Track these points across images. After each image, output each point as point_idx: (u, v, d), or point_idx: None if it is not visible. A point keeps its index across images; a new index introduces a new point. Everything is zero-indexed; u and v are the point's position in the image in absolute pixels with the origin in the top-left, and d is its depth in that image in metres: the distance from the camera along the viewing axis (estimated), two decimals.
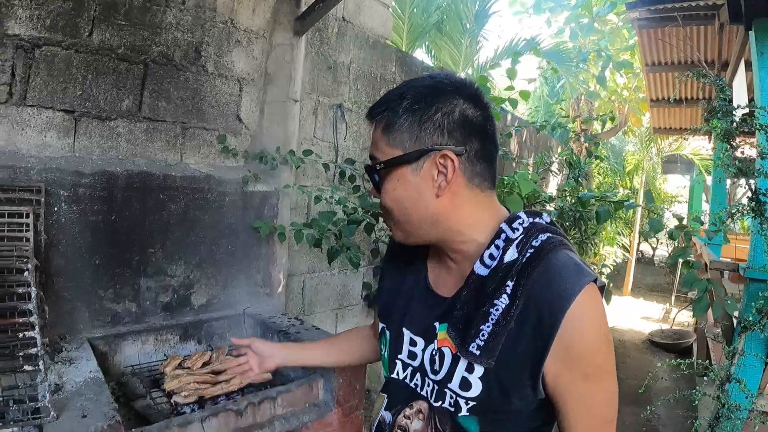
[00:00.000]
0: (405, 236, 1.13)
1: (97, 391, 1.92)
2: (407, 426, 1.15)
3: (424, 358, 1.15)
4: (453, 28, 9.73)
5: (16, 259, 2.14)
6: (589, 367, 0.99)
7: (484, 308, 1.02)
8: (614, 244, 10.37)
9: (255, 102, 3.47)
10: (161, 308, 2.87)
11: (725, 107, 3.26)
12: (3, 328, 1.90)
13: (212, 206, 3.04)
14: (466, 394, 1.05)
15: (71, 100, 2.62)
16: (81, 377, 2.02)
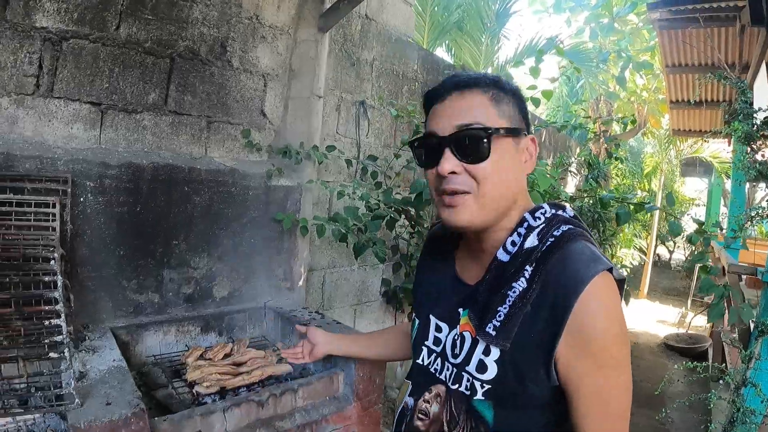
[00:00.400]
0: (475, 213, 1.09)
1: (121, 379, 1.93)
2: (427, 410, 1.19)
3: (447, 343, 1.19)
4: (473, 27, 9.73)
5: (42, 247, 2.17)
6: (601, 355, 1.00)
7: (502, 290, 1.06)
8: (631, 246, 10.30)
9: (279, 97, 3.47)
10: (183, 300, 2.88)
11: (746, 110, 3.29)
12: (29, 315, 1.92)
13: (236, 200, 3.05)
14: (482, 377, 1.08)
15: (98, 93, 2.64)
16: (105, 365, 2.03)
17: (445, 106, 1.11)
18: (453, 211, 1.09)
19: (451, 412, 1.13)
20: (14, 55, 2.36)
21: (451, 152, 1.07)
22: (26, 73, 2.41)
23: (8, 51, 2.34)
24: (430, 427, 1.18)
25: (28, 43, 2.40)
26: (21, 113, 2.42)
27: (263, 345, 2.88)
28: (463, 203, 1.08)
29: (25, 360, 1.76)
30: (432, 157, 1.10)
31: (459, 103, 1.10)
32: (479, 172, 1.07)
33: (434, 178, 1.11)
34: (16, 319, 1.89)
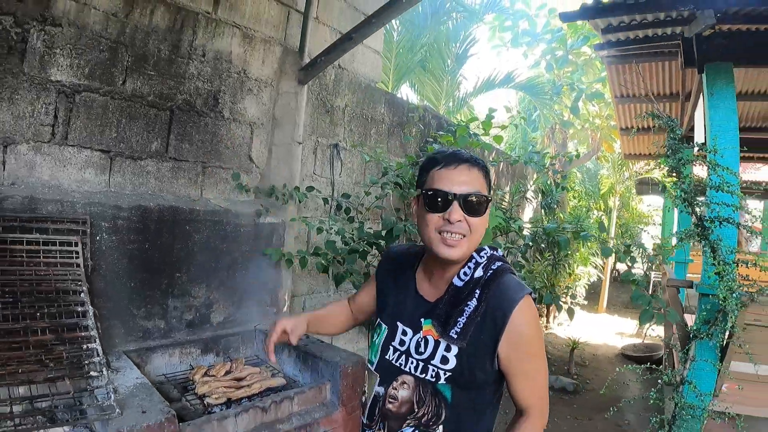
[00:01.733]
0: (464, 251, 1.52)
1: (148, 392, 2.25)
2: (396, 395, 1.59)
3: (411, 344, 1.59)
4: (435, 66, 10.26)
5: (71, 282, 2.49)
6: (527, 349, 1.49)
7: (459, 307, 1.51)
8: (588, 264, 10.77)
9: (264, 144, 3.86)
10: (185, 325, 3.20)
11: (674, 146, 3.66)
12: (68, 341, 2.23)
13: (230, 236, 3.40)
14: (444, 367, 1.51)
15: (107, 141, 2.97)
16: (130, 383, 2.34)
17: (455, 172, 1.51)
18: (452, 249, 1.48)
19: (420, 395, 1.55)
20: (32, 105, 2.67)
21: (459, 206, 1.46)
22: (43, 122, 2.72)
23: (26, 101, 2.65)
24: (401, 408, 1.58)
25: (44, 94, 2.71)
26: (38, 159, 2.72)
27: (257, 362, 3.22)
28: (460, 243, 1.48)
29: (70, 379, 2.07)
30: (442, 207, 1.48)
31: (468, 175, 1.50)
32: (474, 223, 1.49)
33: (439, 221, 1.48)
34: (58, 344, 2.20)
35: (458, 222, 1.46)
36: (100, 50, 2.89)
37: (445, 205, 1.47)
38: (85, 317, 2.35)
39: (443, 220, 1.47)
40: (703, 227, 3.51)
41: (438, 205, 1.48)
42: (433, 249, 1.50)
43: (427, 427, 1.55)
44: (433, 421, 1.54)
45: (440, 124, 6.12)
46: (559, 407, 6.05)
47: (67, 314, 2.33)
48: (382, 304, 1.76)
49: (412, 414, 1.56)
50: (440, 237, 1.48)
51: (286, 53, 3.89)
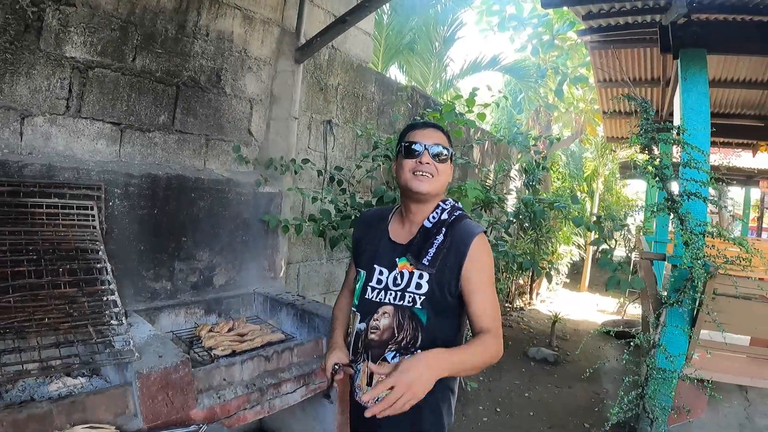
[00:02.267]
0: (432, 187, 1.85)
1: (163, 341, 2.47)
2: (378, 325, 1.85)
3: (388, 280, 1.87)
4: (424, 48, 10.46)
5: (89, 242, 2.68)
6: (482, 267, 1.80)
7: (430, 240, 1.83)
8: (570, 243, 10.95)
9: (262, 118, 4.06)
10: (190, 287, 3.43)
11: (647, 125, 3.84)
12: (90, 293, 2.44)
13: (231, 204, 3.62)
14: (419, 292, 1.80)
15: (118, 114, 3.16)
16: (144, 334, 2.55)
17: (424, 131, 1.89)
18: (423, 183, 1.82)
19: (398, 320, 1.81)
20: (48, 80, 2.85)
21: (428, 153, 1.84)
22: (58, 96, 2.90)
23: (42, 76, 2.83)
24: (383, 335, 1.83)
25: (59, 70, 2.89)
26: (54, 130, 2.90)
27: (257, 322, 3.46)
28: (428, 180, 1.83)
29: (93, 327, 2.28)
30: (416, 154, 1.83)
31: (435, 133, 1.90)
32: (440, 168, 1.86)
33: (413, 164, 1.83)
34: (80, 296, 2.41)
35: (427, 164, 1.83)
36: (112, 29, 3.06)
37: (418, 152, 1.84)
38: (103, 273, 2.56)
39: (416, 163, 1.83)
40: (673, 201, 3.70)
41: (413, 152, 1.84)
42: (408, 185, 1.85)
43: (406, 350, 1.80)
44: (411, 343, 1.80)
45: (428, 103, 6.33)
46: (541, 377, 6.26)
47: (87, 270, 2.53)
48: (359, 255, 2.05)
49: (393, 339, 1.82)
50: (413, 176, 1.83)
51: (284, 34, 4.09)
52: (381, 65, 9.79)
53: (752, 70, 5.57)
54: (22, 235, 2.50)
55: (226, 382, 2.55)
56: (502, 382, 5.94)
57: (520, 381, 6.04)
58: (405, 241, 1.90)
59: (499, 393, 5.59)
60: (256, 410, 2.63)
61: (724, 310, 3.64)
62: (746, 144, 8.52)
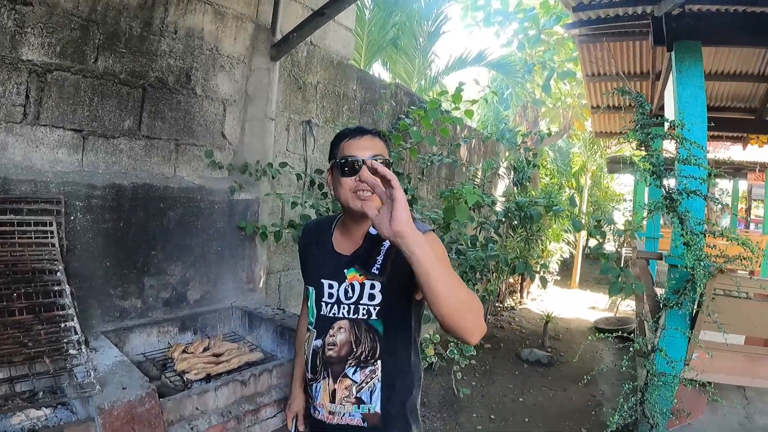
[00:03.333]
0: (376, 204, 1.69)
1: (128, 369, 2.27)
2: (334, 341, 1.79)
3: (339, 293, 1.79)
4: (408, 44, 10.26)
5: (47, 261, 2.48)
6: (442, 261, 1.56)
7: (377, 248, 1.60)
8: (560, 240, 10.92)
9: (237, 120, 3.85)
10: (162, 303, 3.22)
11: (643, 120, 3.74)
12: (47, 320, 2.24)
13: (204, 213, 3.42)
14: (373, 303, 1.74)
15: (80, 120, 2.95)
16: (109, 361, 2.36)
17: (360, 142, 1.75)
18: (366, 203, 1.64)
19: (356, 334, 1.76)
20: (2, 86, 2.64)
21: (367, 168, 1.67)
22: (14, 102, 2.69)
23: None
24: (341, 351, 1.77)
25: (16, 74, 2.68)
26: (11, 140, 2.69)
27: (234, 339, 3.27)
28: (373, 198, 1.66)
29: (50, 358, 2.09)
30: (353, 171, 1.69)
31: (371, 142, 1.75)
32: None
33: (352, 183, 1.70)
34: (36, 324, 2.21)
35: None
36: (72, 28, 2.85)
37: (356, 168, 1.70)
38: (62, 296, 2.35)
39: (355, 181, 1.70)
40: (672, 199, 3.61)
41: (350, 169, 1.70)
42: (350, 206, 1.73)
43: (366, 362, 1.76)
44: (370, 355, 1.76)
45: (412, 101, 6.15)
46: (535, 378, 6.19)
47: (44, 294, 2.33)
48: (304, 270, 1.99)
49: (352, 354, 1.77)
50: (354, 195, 1.71)
51: (258, 30, 3.88)
52: (363, 62, 9.60)
53: (742, 62, 5.58)
54: None
55: (199, 411, 2.34)
56: (495, 386, 5.85)
57: (513, 385, 5.95)
58: (350, 251, 1.82)
59: (493, 398, 5.49)
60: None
61: (723, 310, 3.58)
62: (736, 137, 8.50)
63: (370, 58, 9.91)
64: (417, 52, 10.48)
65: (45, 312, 2.27)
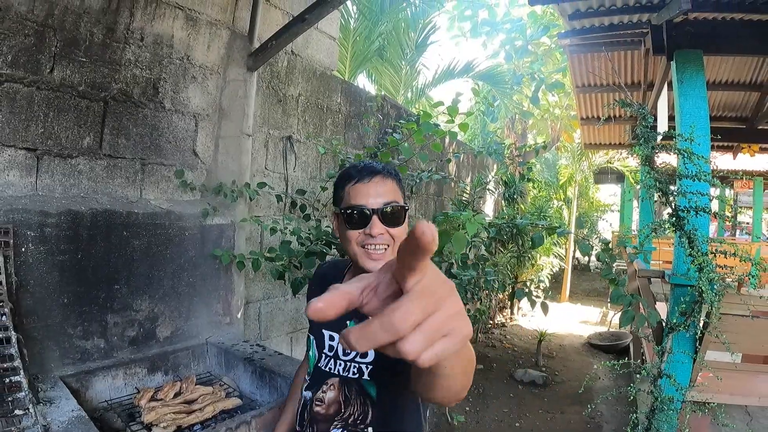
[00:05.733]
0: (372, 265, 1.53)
1: (85, 429, 1.99)
2: (323, 398, 1.58)
3: (338, 348, 1.59)
4: (394, 54, 10.01)
5: None
6: None
7: None
8: (550, 254, 10.84)
9: (210, 137, 3.57)
10: (128, 342, 2.92)
11: (647, 134, 3.58)
12: None
13: (173, 241, 3.13)
14: (365, 360, 1.51)
15: (33, 138, 2.64)
16: (65, 416, 2.07)
17: (370, 186, 1.51)
18: (378, 262, 1.49)
19: (345, 394, 1.53)
20: None
21: (378, 219, 1.48)
22: None
23: None
24: (329, 409, 1.56)
25: None
26: None
27: (209, 380, 2.98)
28: (384, 255, 1.49)
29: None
30: (362, 222, 1.48)
31: (383, 186, 1.52)
32: (396, 233, 1.51)
33: (360, 237, 1.49)
34: None
35: (380, 235, 1.49)
36: (25, 34, 2.56)
37: (365, 220, 1.49)
38: (7, 344, 2.06)
39: (364, 235, 1.50)
40: (678, 217, 3.45)
41: (358, 221, 1.50)
42: (360, 263, 1.52)
43: (355, 426, 1.53)
44: (360, 420, 1.53)
45: (399, 114, 5.92)
46: (530, 401, 6.03)
47: None
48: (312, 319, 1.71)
49: (340, 415, 1.55)
50: (364, 251, 1.51)
51: (234, 37, 3.60)
52: (348, 73, 9.29)
53: (735, 71, 5.58)
54: None
55: None
56: (489, 411, 5.69)
57: (508, 408, 5.78)
58: None
59: (488, 425, 5.31)
60: None
61: (729, 330, 3.45)
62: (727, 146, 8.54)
63: (354, 70, 9.60)
64: (404, 63, 10.22)
65: None
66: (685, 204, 3.44)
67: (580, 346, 8.45)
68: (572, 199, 13.01)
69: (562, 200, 13.57)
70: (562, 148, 12.91)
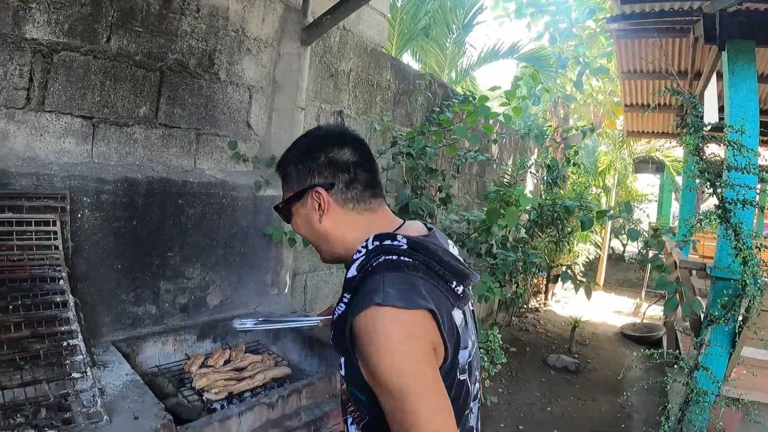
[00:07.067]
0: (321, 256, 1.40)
1: (140, 393, 1.95)
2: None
3: None
4: (440, 33, 9.77)
5: (48, 267, 2.15)
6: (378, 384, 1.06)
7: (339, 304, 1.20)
8: (587, 241, 10.59)
9: (263, 109, 3.49)
10: (179, 309, 2.89)
11: (697, 123, 3.47)
12: (47, 336, 1.91)
13: (226, 211, 3.07)
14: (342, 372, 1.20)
15: (89, 106, 2.59)
16: (119, 380, 2.04)
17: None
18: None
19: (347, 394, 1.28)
20: (3, 67, 2.28)
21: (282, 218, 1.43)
22: (16, 86, 2.33)
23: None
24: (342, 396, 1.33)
25: (18, 55, 2.32)
26: (12, 128, 2.34)
27: (258, 349, 2.92)
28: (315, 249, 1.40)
29: (49, 382, 1.75)
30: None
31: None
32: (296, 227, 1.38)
33: None
34: (34, 341, 1.88)
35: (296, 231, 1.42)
36: (82, 4, 2.48)
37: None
38: (65, 308, 2.02)
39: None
40: (725, 209, 3.37)
41: None
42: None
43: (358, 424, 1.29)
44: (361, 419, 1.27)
45: (446, 93, 5.76)
46: (562, 386, 5.92)
47: (45, 305, 2.01)
48: None
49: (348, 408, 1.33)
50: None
51: (288, 11, 3.50)
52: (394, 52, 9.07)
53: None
54: None
55: None
56: (522, 393, 5.59)
57: (540, 393, 5.68)
58: None
59: (520, 407, 5.22)
60: None
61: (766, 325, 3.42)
62: None
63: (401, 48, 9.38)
64: (449, 43, 9.94)
65: (45, 327, 1.94)
66: (733, 196, 3.36)
67: (613, 335, 8.27)
68: (611, 187, 12.62)
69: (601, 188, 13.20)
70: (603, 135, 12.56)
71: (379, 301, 1.06)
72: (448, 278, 1.19)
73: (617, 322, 8.96)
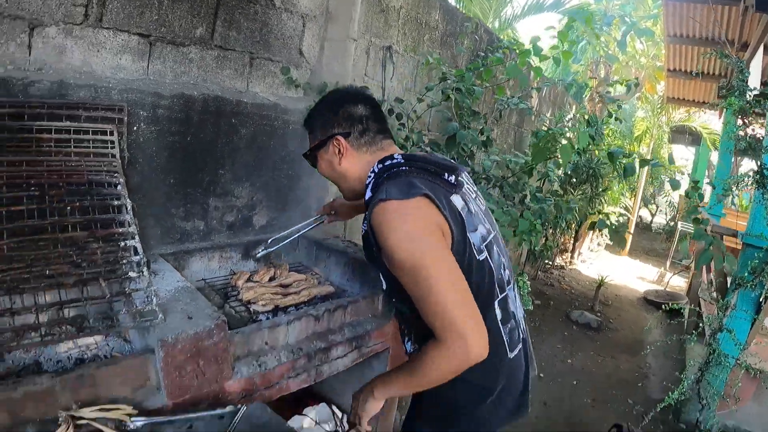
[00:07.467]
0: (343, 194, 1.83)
1: (192, 296, 1.94)
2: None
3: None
4: None
5: (106, 173, 2.10)
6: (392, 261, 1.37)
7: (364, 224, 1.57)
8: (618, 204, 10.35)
9: (316, 38, 3.37)
10: (226, 227, 2.87)
11: (742, 87, 3.42)
12: (104, 238, 1.88)
13: (277, 133, 3.01)
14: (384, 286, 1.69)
15: (147, 25, 2.50)
16: (171, 286, 2.02)
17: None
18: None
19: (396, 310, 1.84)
20: None
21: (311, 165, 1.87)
22: (75, 2, 2.24)
23: None
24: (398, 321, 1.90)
25: None
26: (69, 43, 2.26)
27: (301, 269, 2.91)
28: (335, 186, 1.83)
29: (106, 280, 1.73)
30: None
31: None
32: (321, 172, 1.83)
33: None
34: (91, 242, 1.85)
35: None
36: None
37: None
38: (121, 212, 1.99)
39: None
40: (763, 175, 3.32)
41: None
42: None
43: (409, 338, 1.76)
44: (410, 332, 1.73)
45: (491, 40, 5.54)
46: (583, 342, 5.95)
47: (102, 209, 1.96)
48: None
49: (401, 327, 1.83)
50: None
51: None
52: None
53: None
54: (24, 165, 1.91)
55: (269, 347, 2.00)
56: (544, 345, 5.63)
57: (562, 345, 5.72)
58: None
59: (542, 357, 5.25)
60: (301, 378, 2.09)
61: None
62: None
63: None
64: None
65: (102, 229, 1.90)
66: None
67: (635, 299, 8.18)
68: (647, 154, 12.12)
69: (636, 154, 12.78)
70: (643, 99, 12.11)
71: (383, 197, 1.40)
72: (440, 172, 1.50)
73: (640, 288, 8.86)
